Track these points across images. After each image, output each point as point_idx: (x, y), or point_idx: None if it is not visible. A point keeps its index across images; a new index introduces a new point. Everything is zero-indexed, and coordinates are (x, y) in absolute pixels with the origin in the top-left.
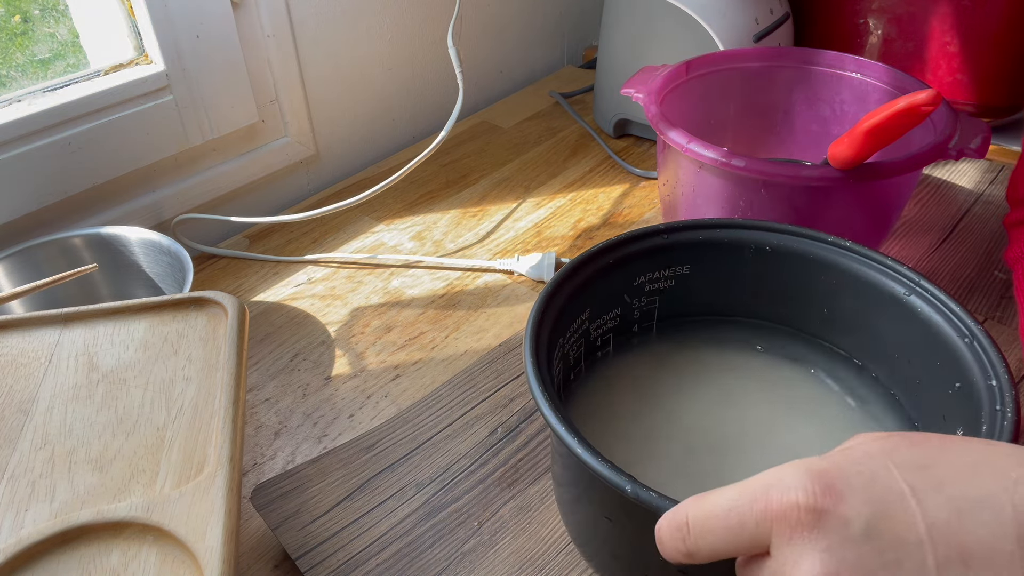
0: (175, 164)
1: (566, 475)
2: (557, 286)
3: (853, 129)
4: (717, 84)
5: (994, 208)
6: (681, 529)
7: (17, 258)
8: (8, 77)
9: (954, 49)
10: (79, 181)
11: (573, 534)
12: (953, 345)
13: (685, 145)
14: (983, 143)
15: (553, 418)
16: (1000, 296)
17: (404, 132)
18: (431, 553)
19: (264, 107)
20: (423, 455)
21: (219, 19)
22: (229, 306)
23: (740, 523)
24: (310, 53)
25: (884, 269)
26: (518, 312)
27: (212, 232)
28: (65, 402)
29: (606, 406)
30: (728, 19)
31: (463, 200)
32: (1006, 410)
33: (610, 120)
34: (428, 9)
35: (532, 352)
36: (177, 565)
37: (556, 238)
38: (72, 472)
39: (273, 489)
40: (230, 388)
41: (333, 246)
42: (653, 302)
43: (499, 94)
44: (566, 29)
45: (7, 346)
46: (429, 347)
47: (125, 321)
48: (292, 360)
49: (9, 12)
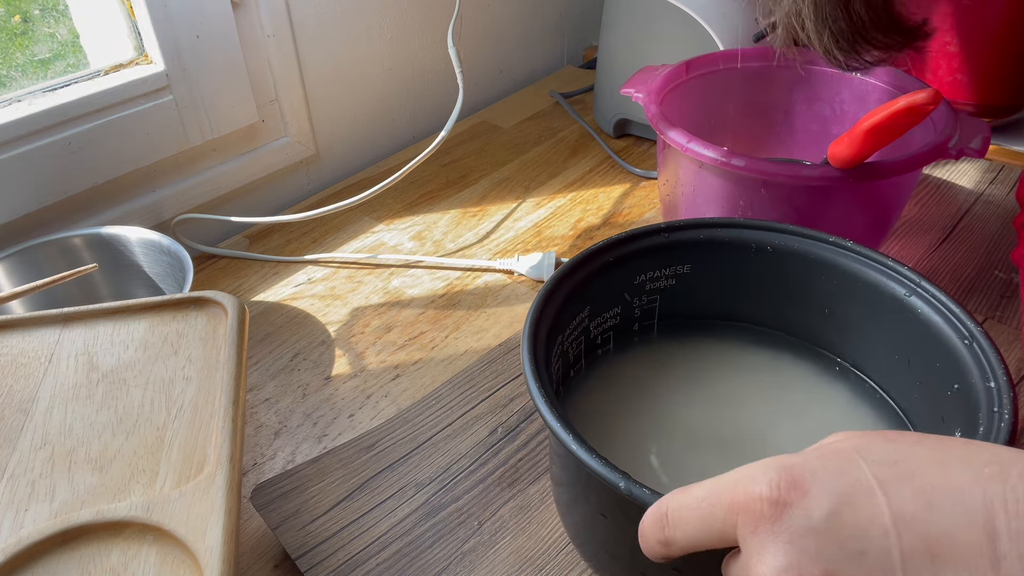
0: (175, 164)
1: (564, 475)
2: (557, 284)
3: (853, 129)
4: (717, 84)
5: (994, 208)
6: (661, 520)
7: (17, 258)
8: (8, 77)
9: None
10: (79, 181)
11: (571, 534)
12: (952, 346)
13: (685, 145)
14: (983, 143)
15: (549, 415)
16: (1000, 296)
17: (404, 132)
18: (431, 553)
19: (264, 107)
20: (423, 455)
21: (219, 19)
22: (229, 306)
23: (710, 514)
24: (310, 53)
25: (885, 270)
26: (518, 312)
27: (212, 232)
28: (65, 402)
29: (606, 404)
30: (728, 19)
31: (463, 200)
32: (1003, 412)
33: (610, 120)
34: (428, 9)
35: (530, 349)
36: (177, 565)
37: (556, 238)
38: (72, 472)
39: (273, 489)
40: (230, 388)
41: (333, 246)
42: (654, 301)
43: (499, 94)
44: (566, 29)
45: (7, 346)
46: (429, 347)
47: (125, 321)
48: (292, 360)
49: (9, 12)
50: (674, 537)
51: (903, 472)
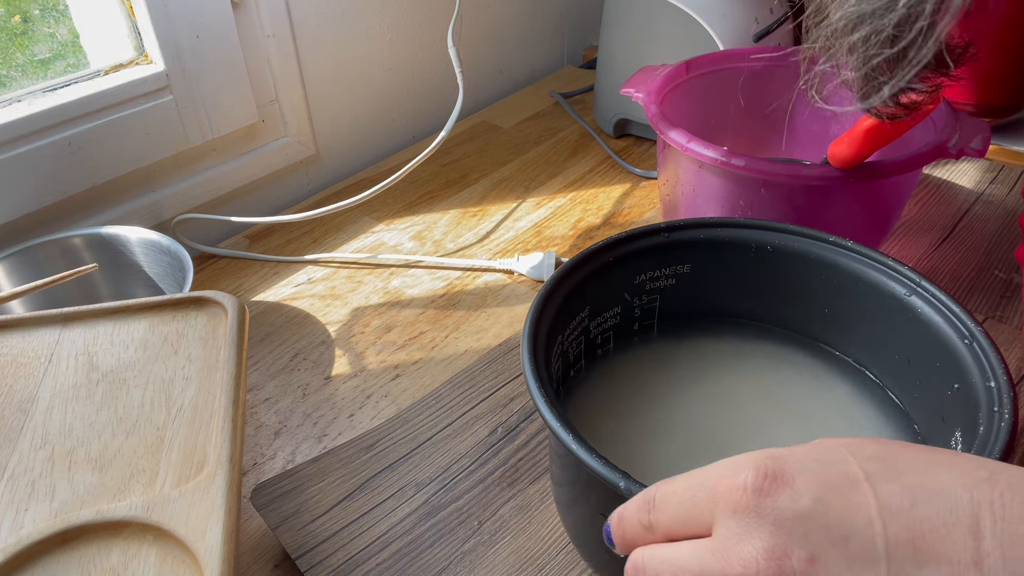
0: (175, 164)
1: (564, 475)
2: (557, 283)
3: (853, 128)
4: (717, 84)
5: (994, 208)
6: (648, 503)
7: (17, 258)
8: (8, 77)
9: None
10: (79, 181)
11: (572, 534)
12: (953, 346)
13: (685, 145)
14: (983, 143)
15: (549, 415)
16: (1000, 296)
17: (404, 132)
18: (431, 553)
19: (264, 107)
20: (423, 455)
21: (219, 19)
22: (229, 306)
23: (692, 500)
24: (310, 53)
25: (885, 269)
26: (518, 312)
27: (212, 232)
28: (65, 402)
29: (606, 403)
30: (728, 19)
31: (463, 200)
32: (1004, 411)
33: (610, 120)
34: (428, 9)
35: (530, 349)
36: (177, 565)
37: (556, 238)
38: (72, 472)
39: (273, 489)
40: (230, 388)
41: (333, 246)
42: (654, 300)
43: (499, 94)
44: (566, 29)
45: (7, 346)
46: (429, 347)
47: (125, 321)
48: (292, 360)
49: (9, 12)
50: (657, 521)
51: (891, 469)
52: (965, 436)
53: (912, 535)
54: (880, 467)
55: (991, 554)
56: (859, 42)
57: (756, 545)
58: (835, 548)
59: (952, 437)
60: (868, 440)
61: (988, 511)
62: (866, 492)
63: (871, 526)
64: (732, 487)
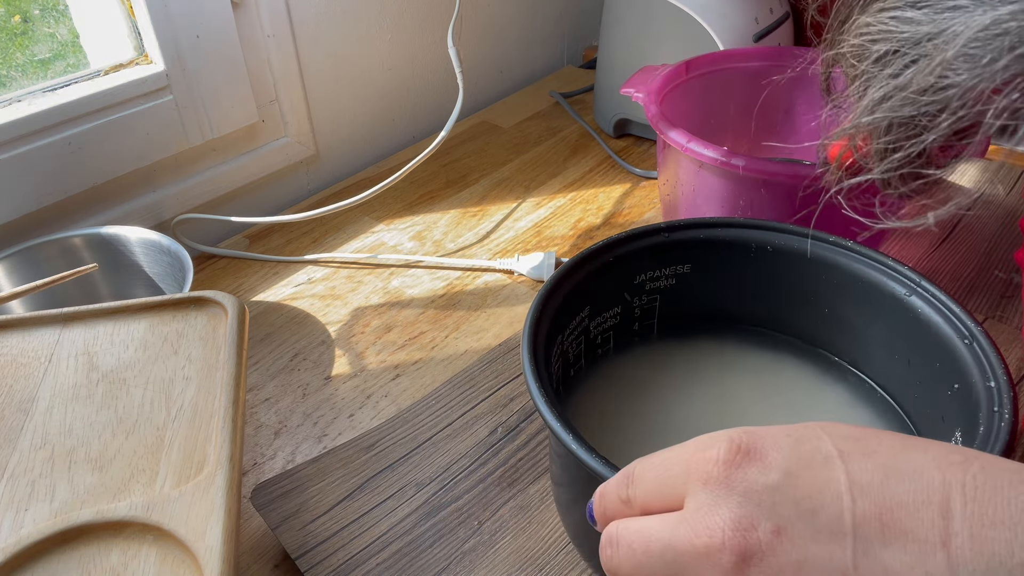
0: (175, 164)
1: (564, 475)
2: (557, 283)
3: None
4: (717, 84)
5: (994, 208)
6: (628, 477)
7: (17, 258)
8: (8, 77)
9: None
10: (79, 181)
11: (571, 534)
12: (953, 346)
13: (685, 145)
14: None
15: (549, 415)
16: (1000, 296)
17: (404, 132)
18: (431, 553)
19: (264, 107)
20: (423, 455)
21: (219, 19)
22: (229, 306)
23: (667, 473)
24: (310, 53)
25: (885, 269)
26: (518, 312)
27: (212, 232)
28: (65, 402)
29: (606, 403)
30: (728, 19)
31: (463, 200)
32: (1003, 411)
33: (610, 120)
34: (428, 9)
35: (530, 349)
36: (177, 565)
37: (556, 238)
38: (72, 472)
39: (273, 489)
40: (230, 388)
41: (333, 246)
42: (654, 301)
43: (499, 94)
44: (566, 29)
45: (7, 346)
46: (429, 347)
47: (125, 321)
48: (292, 360)
49: (9, 12)
50: (635, 495)
51: (865, 448)
52: (965, 436)
53: (880, 511)
54: (854, 446)
55: (959, 534)
56: (886, 147)
57: (723, 515)
58: (802, 521)
59: (952, 437)
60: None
61: (959, 492)
62: (837, 468)
63: (839, 500)
64: (705, 460)
